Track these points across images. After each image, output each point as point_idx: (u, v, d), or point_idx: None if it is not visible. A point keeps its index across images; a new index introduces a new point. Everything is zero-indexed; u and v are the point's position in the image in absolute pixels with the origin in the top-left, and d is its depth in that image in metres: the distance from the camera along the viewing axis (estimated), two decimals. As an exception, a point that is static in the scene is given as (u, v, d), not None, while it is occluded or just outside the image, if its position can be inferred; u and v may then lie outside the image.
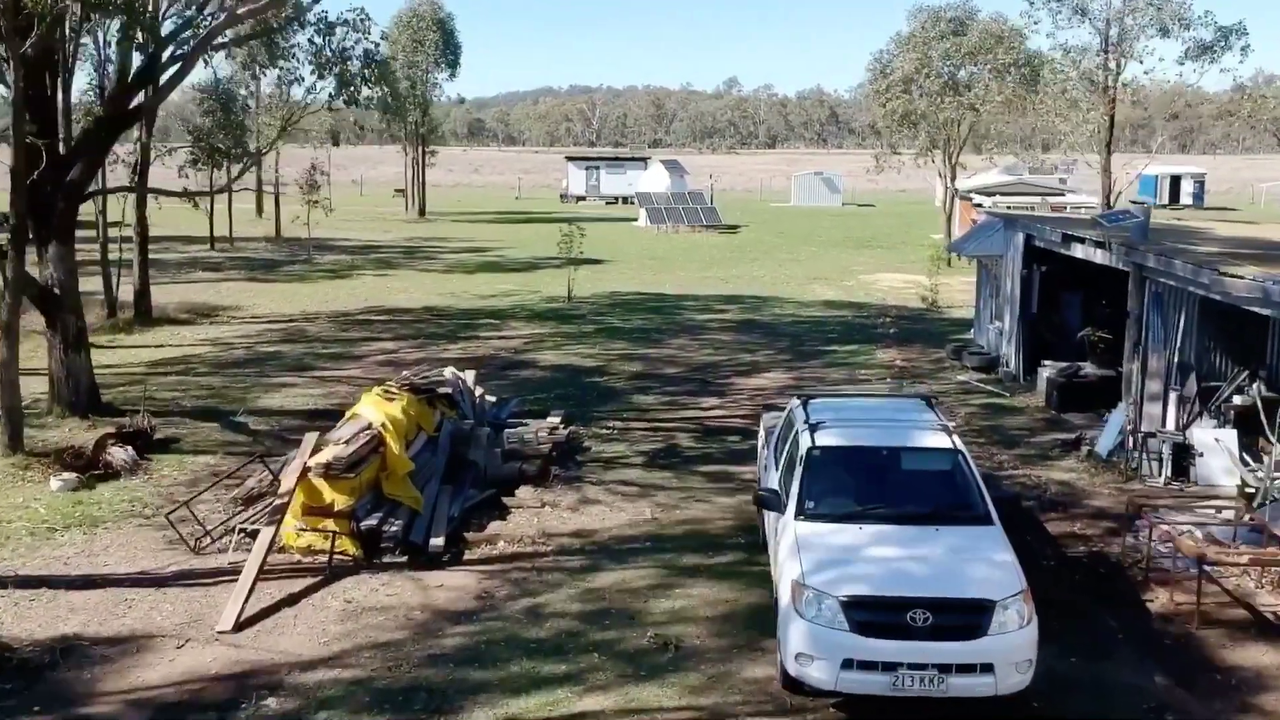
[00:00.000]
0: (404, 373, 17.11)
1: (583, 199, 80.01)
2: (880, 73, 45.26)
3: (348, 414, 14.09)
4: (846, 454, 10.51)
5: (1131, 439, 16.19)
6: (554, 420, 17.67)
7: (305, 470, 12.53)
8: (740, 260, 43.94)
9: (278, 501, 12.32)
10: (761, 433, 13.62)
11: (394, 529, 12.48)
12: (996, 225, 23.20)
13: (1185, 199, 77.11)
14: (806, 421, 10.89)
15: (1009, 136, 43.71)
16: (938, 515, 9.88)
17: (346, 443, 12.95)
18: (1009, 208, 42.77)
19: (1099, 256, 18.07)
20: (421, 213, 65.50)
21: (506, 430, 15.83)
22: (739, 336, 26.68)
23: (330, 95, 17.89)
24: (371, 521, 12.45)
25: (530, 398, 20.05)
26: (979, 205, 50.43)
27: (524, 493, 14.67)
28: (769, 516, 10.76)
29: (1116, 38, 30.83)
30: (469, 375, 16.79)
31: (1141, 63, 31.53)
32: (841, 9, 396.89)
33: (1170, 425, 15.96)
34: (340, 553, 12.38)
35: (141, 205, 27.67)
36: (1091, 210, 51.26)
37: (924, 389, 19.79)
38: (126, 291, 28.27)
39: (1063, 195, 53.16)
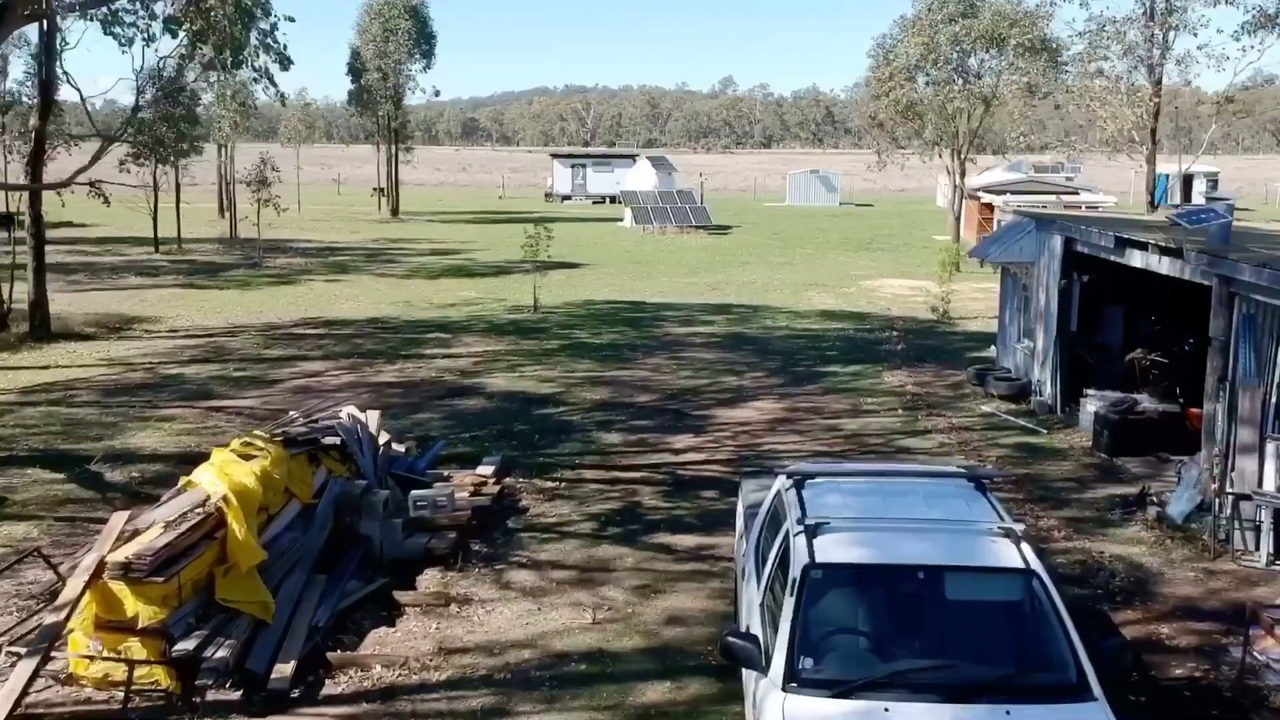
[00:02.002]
0: (292, 412, 13.55)
1: (568, 198, 76.34)
2: (883, 59, 41.58)
3: (182, 481, 10.49)
4: (862, 577, 6.92)
5: (1217, 501, 12.64)
6: (485, 470, 14.12)
7: (100, 568, 8.96)
8: (730, 264, 40.37)
9: (50, 619, 8.73)
10: (740, 512, 9.99)
11: (222, 653, 8.89)
12: (1026, 227, 19.65)
13: (1198, 199, 73.74)
14: (801, 519, 7.29)
15: (1036, 125, 39.85)
16: (1006, 684, 6.31)
17: (166, 527, 9.37)
18: (1019, 207, 39.26)
19: (1164, 266, 14.54)
20: (394, 212, 61.79)
21: (414, 492, 12.22)
22: (724, 355, 23.10)
23: (165, 55, 14.21)
24: (189, 644, 8.86)
25: (466, 435, 16.53)
26: (988, 204, 46.97)
27: (429, 579, 11.12)
28: (746, 675, 7.18)
29: (1165, 8, 27.02)
30: (371, 417, 13.20)
31: (1195, 35, 27.70)
32: (838, 9, 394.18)
33: (1270, 485, 12.39)
34: (150, 684, 8.83)
35: (36, 202, 23.96)
36: (1108, 209, 47.89)
37: (982, 463, 16.02)
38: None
39: (1076, 194, 49.55)
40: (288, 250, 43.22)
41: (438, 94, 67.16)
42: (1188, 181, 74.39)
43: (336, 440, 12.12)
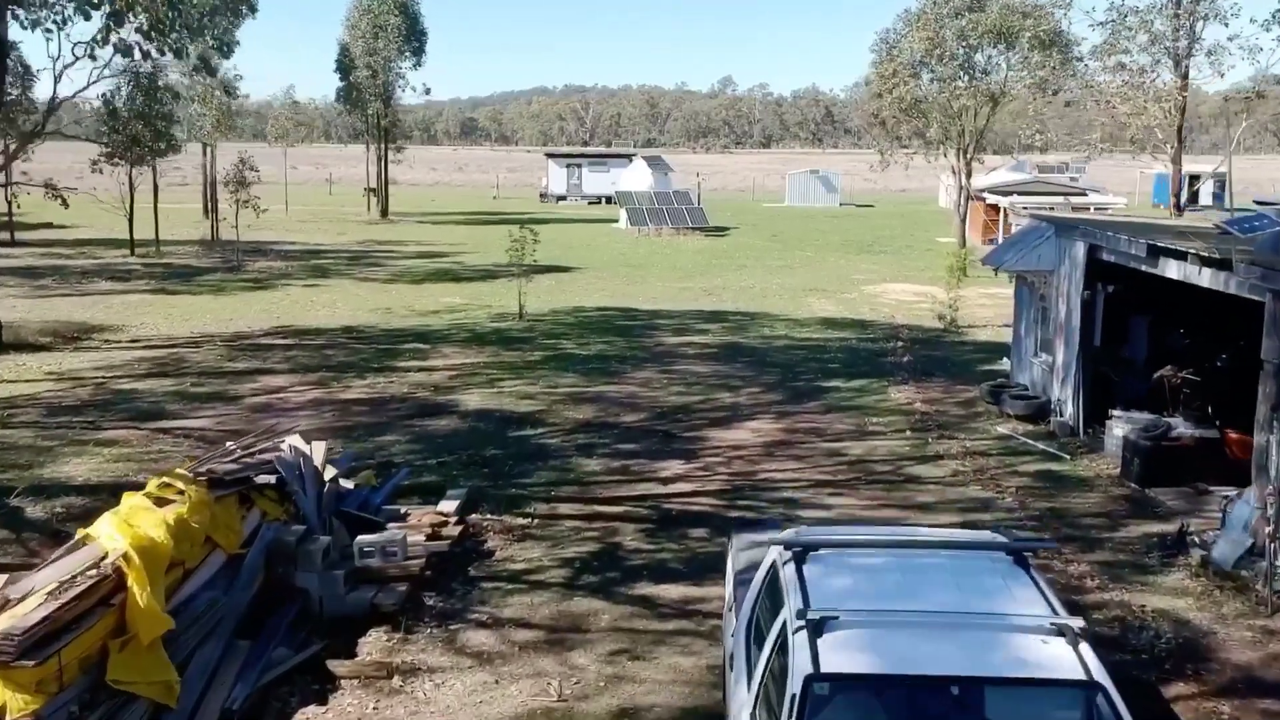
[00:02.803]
0: (229, 443, 12.09)
1: (563, 198, 74.79)
2: (886, 55, 40.08)
3: (79, 534, 9.01)
4: (880, 692, 5.46)
5: (1271, 546, 11.18)
6: (448, 506, 12.66)
7: (-37, 649, 7.49)
8: (727, 267, 38.91)
9: (-105, 714, 7.27)
10: (729, 576, 8.51)
11: (107, 752, 7.44)
12: (1045, 232, 18.19)
13: (1205, 200, 72.27)
14: (803, 611, 5.81)
15: (1040, 123, 38.26)
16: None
17: (50, 594, 7.91)
18: (1026, 209, 37.82)
19: (1206, 278, 13.08)
20: (384, 213, 60.28)
21: (360, 538, 10.72)
22: (718, 368, 21.63)
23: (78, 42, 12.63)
24: (66, 741, 7.41)
25: (433, 461, 15.07)
26: (993, 205, 45.57)
27: (373, 642, 9.65)
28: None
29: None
30: (317, 449, 11.74)
31: (1226, 25, 26.15)
32: (838, 8, 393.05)
33: (1332, 529, 10.96)
34: (23, 787, 7.37)
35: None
36: (1118, 210, 46.42)
37: (1000, 495, 14.57)
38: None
39: (1084, 194, 48.15)
40: (269, 253, 41.75)
41: (428, 92, 65.57)
42: (1193, 181, 72.99)
43: (274, 477, 10.66)
